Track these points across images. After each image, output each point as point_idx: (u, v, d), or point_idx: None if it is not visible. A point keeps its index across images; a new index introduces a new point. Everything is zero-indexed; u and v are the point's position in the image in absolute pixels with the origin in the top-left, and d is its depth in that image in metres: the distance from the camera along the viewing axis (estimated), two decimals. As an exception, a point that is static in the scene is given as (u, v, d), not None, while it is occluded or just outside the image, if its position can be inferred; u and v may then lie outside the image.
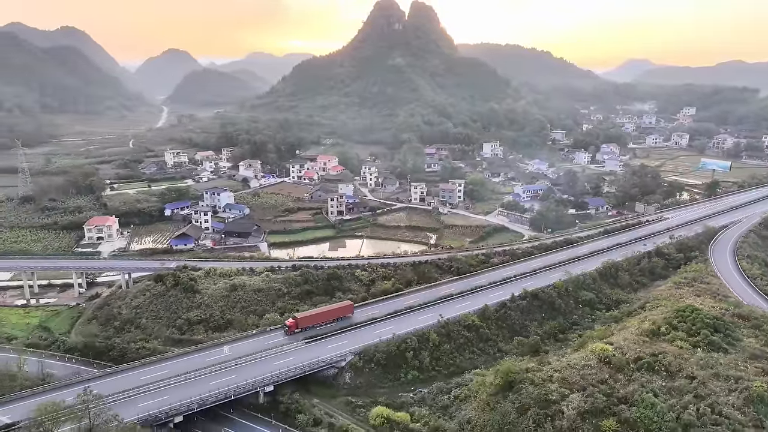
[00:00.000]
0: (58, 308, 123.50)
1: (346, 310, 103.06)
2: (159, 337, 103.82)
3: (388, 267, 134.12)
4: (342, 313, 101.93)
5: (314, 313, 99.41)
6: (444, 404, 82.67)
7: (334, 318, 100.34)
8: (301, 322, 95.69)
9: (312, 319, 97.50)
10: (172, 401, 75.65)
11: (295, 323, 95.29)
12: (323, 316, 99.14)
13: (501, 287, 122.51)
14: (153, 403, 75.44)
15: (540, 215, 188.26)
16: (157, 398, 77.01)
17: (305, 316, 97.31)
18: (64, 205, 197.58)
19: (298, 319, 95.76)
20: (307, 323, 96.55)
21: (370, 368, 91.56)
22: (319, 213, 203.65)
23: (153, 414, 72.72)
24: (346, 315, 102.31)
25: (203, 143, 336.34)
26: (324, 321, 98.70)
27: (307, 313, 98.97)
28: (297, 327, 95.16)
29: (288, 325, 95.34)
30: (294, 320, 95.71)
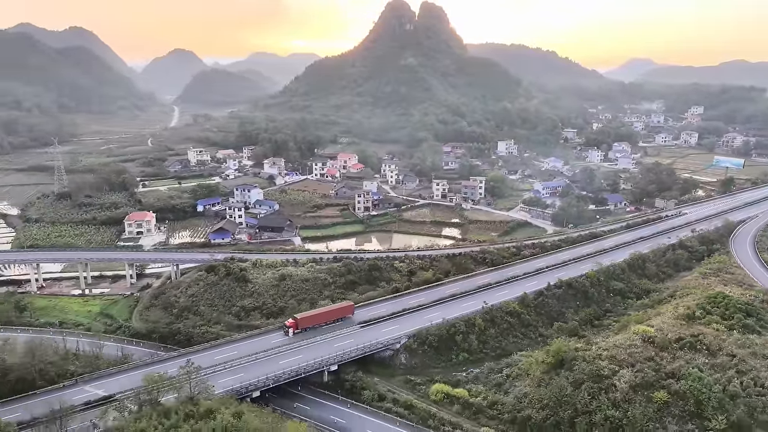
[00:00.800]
0: (114, 297, 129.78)
1: (346, 310, 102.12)
2: (219, 323, 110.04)
3: (424, 259, 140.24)
4: (342, 314, 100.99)
5: (314, 313, 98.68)
6: (497, 382, 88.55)
7: (335, 318, 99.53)
8: (301, 323, 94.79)
9: (312, 320, 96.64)
10: (249, 378, 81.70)
11: (295, 323, 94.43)
12: (323, 317, 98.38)
13: (535, 277, 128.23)
14: (231, 380, 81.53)
15: (562, 211, 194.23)
16: (234, 375, 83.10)
17: (305, 317, 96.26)
18: (100, 201, 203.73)
19: (298, 320, 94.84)
20: (307, 323, 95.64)
21: (423, 350, 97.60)
22: (346, 209, 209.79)
23: (235, 388, 78.76)
24: (346, 315, 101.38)
25: (222, 142, 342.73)
26: (324, 321, 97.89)
27: (307, 314, 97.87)
28: (297, 327, 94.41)
29: (288, 326, 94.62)
30: (294, 320, 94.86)
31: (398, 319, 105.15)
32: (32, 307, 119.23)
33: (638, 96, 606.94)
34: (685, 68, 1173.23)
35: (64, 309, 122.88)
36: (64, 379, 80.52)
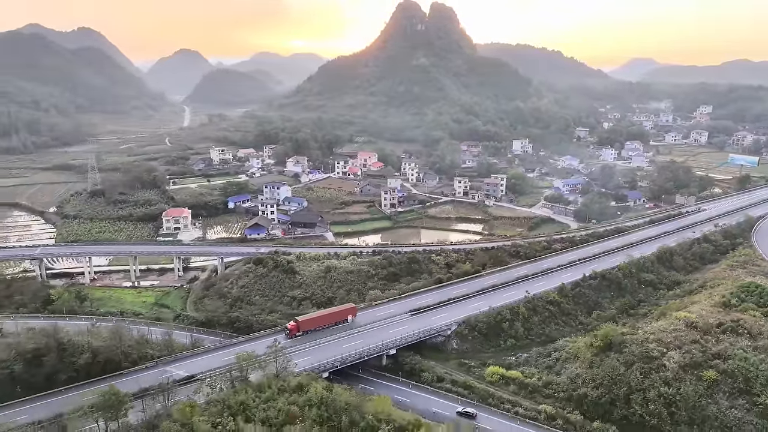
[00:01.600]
0: (165, 289, 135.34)
1: (348, 312, 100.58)
2: (274, 311, 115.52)
3: (459, 252, 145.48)
4: (344, 316, 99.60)
5: (316, 316, 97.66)
6: (548, 365, 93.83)
7: (336, 321, 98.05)
8: (302, 325, 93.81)
9: (313, 322, 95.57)
10: (319, 359, 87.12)
11: (297, 326, 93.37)
12: (325, 319, 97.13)
13: (568, 269, 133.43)
14: (303, 361, 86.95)
15: (584, 207, 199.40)
16: (304, 358, 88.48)
17: (307, 319, 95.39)
18: (134, 198, 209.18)
19: (300, 322, 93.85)
20: (308, 326, 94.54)
21: (473, 336, 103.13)
22: (372, 205, 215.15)
23: (308, 369, 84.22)
24: (348, 318, 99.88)
25: (241, 141, 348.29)
26: (326, 324, 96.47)
27: (309, 316, 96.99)
28: (298, 330, 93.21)
29: (289, 328, 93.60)
30: (295, 323, 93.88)
31: (445, 307, 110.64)
32: (91, 298, 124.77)
33: (646, 95, 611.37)
34: (689, 68, 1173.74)
35: (119, 299, 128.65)
36: (146, 361, 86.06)
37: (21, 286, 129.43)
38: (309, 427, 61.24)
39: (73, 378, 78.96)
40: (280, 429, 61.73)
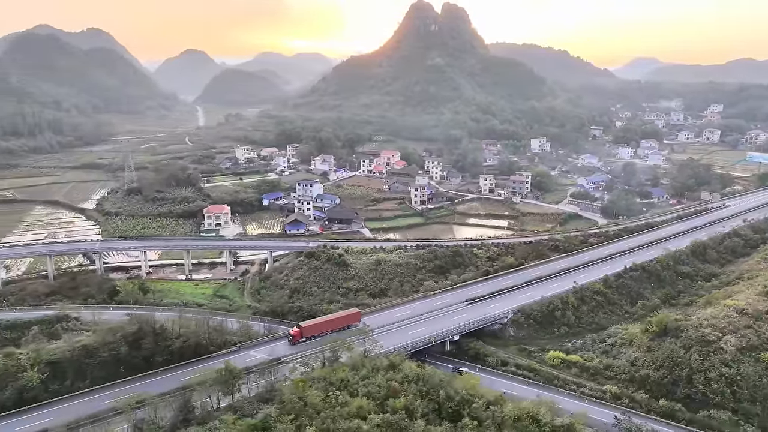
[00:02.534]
0: (219, 281, 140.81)
1: (353, 318, 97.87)
2: (332, 301, 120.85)
3: (499, 246, 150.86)
4: (349, 322, 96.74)
5: (319, 321, 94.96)
6: (604, 350, 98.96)
7: (341, 327, 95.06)
8: (305, 331, 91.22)
9: (317, 328, 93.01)
10: (393, 343, 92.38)
11: (300, 332, 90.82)
12: (329, 325, 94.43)
13: (607, 262, 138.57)
14: (375, 346, 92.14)
15: (611, 203, 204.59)
16: (375, 343, 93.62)
17: (310, 325, 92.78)
18: (172, 196, 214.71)
19: (303, 328, 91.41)
20: (312, 332, 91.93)
21: (528, 323, 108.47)
22: (402, 202, 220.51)
23: (381, 353, 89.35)
24: (353, 323, 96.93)
25: (261, 140, 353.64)
26: (330, 330, 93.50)
27: (312, 322, 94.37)
28: (302, 336, 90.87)
29: (292, 335, 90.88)
30: (299, 329, 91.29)
31: (498, 297, 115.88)
32: (153, 290, 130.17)
33: (655, 94, 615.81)
34: (694, 67, 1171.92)
35: (179, 291, 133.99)
36: (228, 346, 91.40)
37: (85, 278, 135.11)
38: (412, 399, 66.45)
39: (168, 360, 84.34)
40: (383, 402, 66.94)
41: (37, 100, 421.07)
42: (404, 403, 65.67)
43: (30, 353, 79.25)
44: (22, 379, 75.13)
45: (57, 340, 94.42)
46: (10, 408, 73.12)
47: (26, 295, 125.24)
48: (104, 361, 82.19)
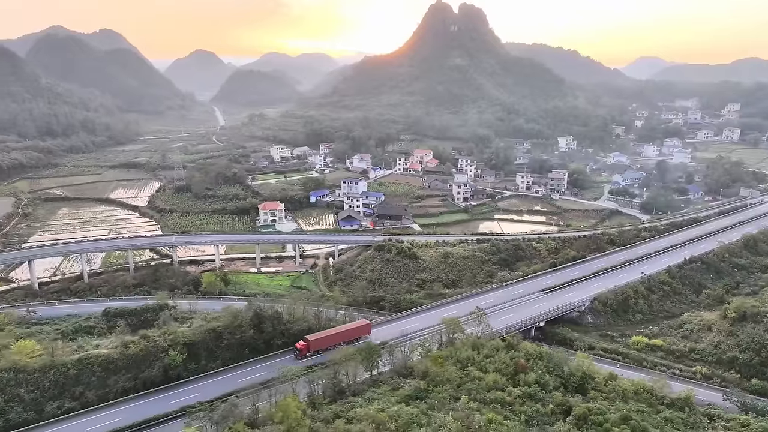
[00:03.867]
0: (291, 274, 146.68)
1: (362, 330, 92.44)
2: (410, 291, 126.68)
3: (556, 240, 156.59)
4: (358, 334, 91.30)
5: (327, 334, 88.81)
6: (683, 335, 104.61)
7: (350, 339, 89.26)
8: (313, 345, 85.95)
9: (325, 341, 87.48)
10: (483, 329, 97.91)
11: (307, 346, 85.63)
12: (337, 338, 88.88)
13: (663, 255, 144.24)
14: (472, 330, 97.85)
15: (651, 200, 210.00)
16: (469, 330, 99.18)
17: (317, 338, 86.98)
18: (222, 193, 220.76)
19: (310, 342, 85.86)
20: (319, 345, 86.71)
21: (605, 311, 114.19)
22: (444, 199, 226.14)
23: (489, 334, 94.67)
24: (362, 335, 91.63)
25: (291, 140, 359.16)
26: (338, 342, 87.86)
27: (320, 335, 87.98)
28: (308, 350, 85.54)
29: (299, 348, 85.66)
30: (305, 343, 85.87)
31: (571, 287, 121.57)
32: (233, 282, 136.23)
33: (669, 94, 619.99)
34: (701, 66, 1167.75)
35: (256, 283, 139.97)
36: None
37: (165, 271, 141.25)
38: (541, 375, 72.20)
39: (286, 343, 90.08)
40: (512, 377, 72.75)
41: (66, 100, 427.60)
42: (535, 378, 71.42)
43: (168, 335, 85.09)
44: (167, 358, 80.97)
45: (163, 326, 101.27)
46: (158, 384, 79.18)
47: (116, 287, 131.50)
48: (230, 344, 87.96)
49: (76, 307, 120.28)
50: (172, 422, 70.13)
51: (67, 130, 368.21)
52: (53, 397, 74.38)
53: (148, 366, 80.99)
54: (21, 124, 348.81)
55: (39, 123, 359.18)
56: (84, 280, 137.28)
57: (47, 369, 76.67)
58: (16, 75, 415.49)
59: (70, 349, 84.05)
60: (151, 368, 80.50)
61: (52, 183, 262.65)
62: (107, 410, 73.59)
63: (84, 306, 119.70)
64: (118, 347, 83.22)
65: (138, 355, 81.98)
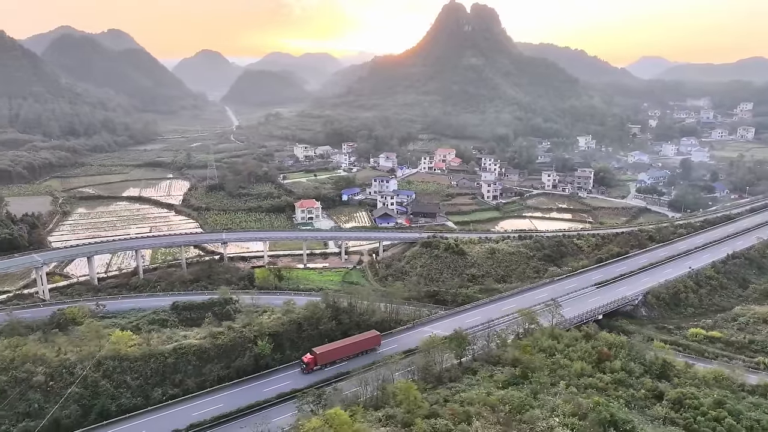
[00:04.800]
0: (338, 269, 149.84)
1: (372, 341, 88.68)
2: (463, 286, 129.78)
3: (596, 237, 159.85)
4: (367, 345, 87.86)
5: (335, 347, 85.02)
6: (738, 327, 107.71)
7: (359, 351, 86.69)
8: (320, 358, 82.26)
9: (333, 354, 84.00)
10: (547, 320, 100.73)
11: (314, 359, 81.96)
12: (346, 350, 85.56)
13: (704, 251, 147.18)
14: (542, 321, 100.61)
15: (680, 198, 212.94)
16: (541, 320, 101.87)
17: (325, 351, 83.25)
18: (256, 191, 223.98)
19: (318, 355, 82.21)
20: (327, 359, 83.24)
21: (658, 304, 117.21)
22: (474, 197, 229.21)
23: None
24: (372, 347, 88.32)
25: (311, 139, 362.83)
26: (347, 355, 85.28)
27: (327, 348, 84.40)
28: (316, 363, 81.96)
29: (306, 362, 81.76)
30: (312, 356, 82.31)
31: (620, 281, 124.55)
32: (287, 277, 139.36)
33: (679, 93, 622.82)
34: (706, 66, 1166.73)
35: (307, 278, 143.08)
36: (400, 324, 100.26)
37: (218, 267, 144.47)
38: (625, 363, 75.30)
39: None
40: (596, 364, 75.85)
41: (85, 100, 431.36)
42: (620, 365, 74.55)
43: (253, 327, 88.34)
44: (256, 348, 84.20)
45: (229, 319, 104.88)
46: (250, 372, 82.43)
47: (173, 282, 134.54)
48: (311, 335, 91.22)
49: (138, 301, 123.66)
50: (270, 408, 73.29)
51: (88, 129, 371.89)
52: (156, 383, 77.72)
53: (239, 355, 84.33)
54: (45, 123, 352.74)
55: (62, 123, 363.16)
56: (139, 276, 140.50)
57: (147, 357, 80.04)
58: (37, 75, 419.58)
59: (159, 339, 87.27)
60: (242, 357, 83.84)
61: (82, 182, 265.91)
62: (206, 397, 76.86)
63: (145, 300, 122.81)
64: (207, 338, 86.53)
65: (227, 345, 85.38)
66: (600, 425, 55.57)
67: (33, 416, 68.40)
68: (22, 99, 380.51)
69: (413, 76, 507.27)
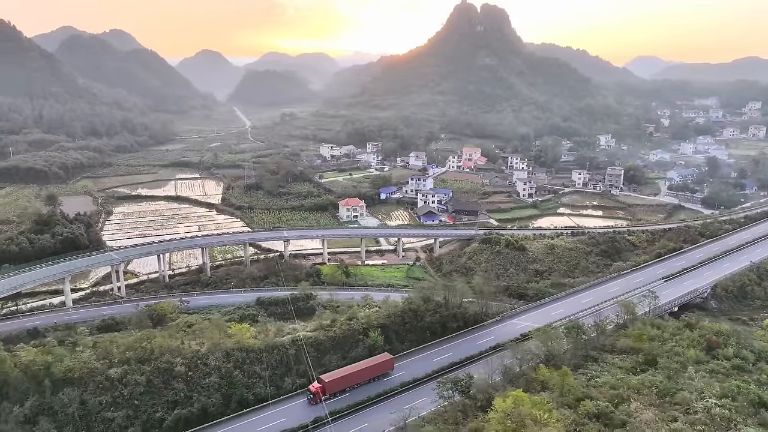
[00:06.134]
0: (399, 266, 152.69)
1: (384, 365, 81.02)
2: (530, 281, 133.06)
3: (646, 232, 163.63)
4: (380, 370, 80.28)
5: (346, 373, 77.24)
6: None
7: (370, 377, 79.01)
8: (329, 387, 74.29)
9: (344, 381, 76.26)
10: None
11: (322, 388, 73.82)
12: (357, 377, 77.85)
13: (756, 245, 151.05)
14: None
15: (713, 194, 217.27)
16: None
17: (334, 379, 75.29)
18: (296, 190, 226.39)
19: (326, 383, 74.10)
20: (337, 387, 75.35)
21: (726, 297, 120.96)
22: (510, 195, 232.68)
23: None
24: (385, 372, 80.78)
25: (332, 139, 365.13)
26: (357, 382, 77.65)
27: (337, 375, 76.51)
28: (324, 393, 73.74)
29: (312, 392, 73.45)
30: (320, 385, 74.21)
31: (684, 276, 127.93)
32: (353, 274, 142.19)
33: (687, 93, 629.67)
34: (702, 65, 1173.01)
35: (371, 274, 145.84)
36: (493, 317, 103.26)
37: (282, 264, 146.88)
38: (737, 350, 78.66)
39: (460, 327, 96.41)
40: (708, 351, 79.20)
41: (102, 101, 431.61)
42: (733, 352, 77.92)
43: (361, 319, 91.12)
44: (368, 339, 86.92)
45: (313, 314, 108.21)
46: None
47: (245, 279, 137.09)
48: (413, 327, 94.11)
49: (214, 298, 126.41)
50: (397, 397, 75.89)
51: (109, 130, 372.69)
52: (283, 374, 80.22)
53: (353, 346, 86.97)
54: (68, 124, 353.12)
55: (84, 123, 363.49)
56: (206, 273, 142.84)
57: (270, 349, 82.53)
58: (55, 76, 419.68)
59: (272, 332, 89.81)
60: (356, 348, 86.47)
61: (114, 182, 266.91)
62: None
63: (220, 297, 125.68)
64: (318, 330, 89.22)
65: (340, 337, 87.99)
66: (752, 406, 58.71)
67: (181, 404, 70.88)
68: (43, 99, 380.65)
69: (427, 76, 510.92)
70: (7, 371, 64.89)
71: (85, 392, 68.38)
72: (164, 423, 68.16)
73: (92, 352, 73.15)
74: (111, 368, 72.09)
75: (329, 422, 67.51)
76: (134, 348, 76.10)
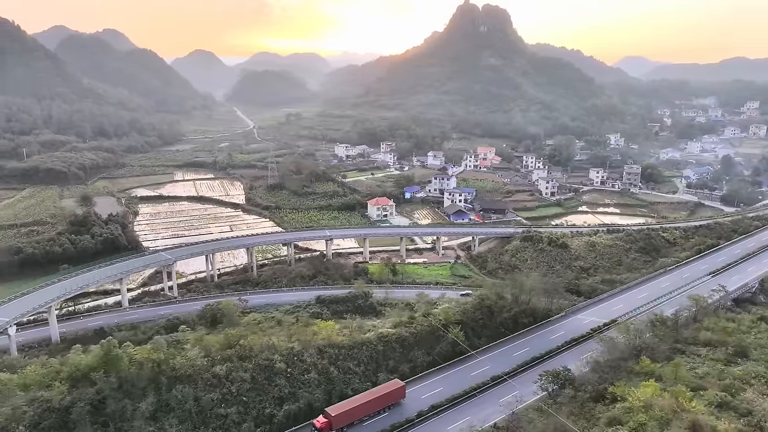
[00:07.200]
0: (443, 264, 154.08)
1: (395, 394, 73.72)
2: (578, 278, 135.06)
3: (678, 229, 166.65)
4: (391, 400, 73.09)
5: (354, 405, 69.77)
6: None
7: (381, 407, 72.03)
8: (336, 421, 67.19)
9: (350, 415, 69.10)
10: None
11: (329, 423, 66.88)
12: (366, 408, 70.69)
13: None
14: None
15: (733, 192, 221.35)
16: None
17: (342, 412, 68.00)
18: (321, 190, 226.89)
19: (333, 417, 66.99)
20: (344, 421, 68.24)
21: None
22: (533, 194, 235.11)
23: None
24: (396, 401, 73.66)
25: (342, 138, 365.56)
26: (367, 413, 70.76)
27: (344, 407, 68.95)
28: (331, 428, 66.93)
29: (318, 427, 66.51)
30: (327, 420, 67.06)
31: (728, 270, 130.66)
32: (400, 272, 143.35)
33: (684, 93, 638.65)
34: (691, 66, 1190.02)
35: (416, 273, 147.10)
36: (554, 314, 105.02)
37: (326, 263, 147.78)
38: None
39: (531, 322, 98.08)
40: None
41: (107, 101, 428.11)
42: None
43: (439, 315, 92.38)
44: (451, 335, 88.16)
45: (372, 311, 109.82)
46: (450, 358, 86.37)
47: (294, 278, 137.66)
48: (487, 324, 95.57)
49: (267, 297, 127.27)
50: (489, 391, 77.36)
51: (117, 130, 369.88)
52: (375, 369, 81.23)
53: (435, 342, 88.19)
54: (78, 124, 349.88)
55: (92, 124, 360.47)
56: (253, 273, 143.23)
57: (360, 345, 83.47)
58: (60, 76, 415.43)
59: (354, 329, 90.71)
60: (439, 344, 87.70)
61: (131, 182, 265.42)
62: (420, 382, 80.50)
63: (274, 296, 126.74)
64: (399, 327, 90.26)
65: (421, 333, 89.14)
66: None
67: (287, 400, 71.63)
68: (50, 100, 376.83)
69: (432, 76, 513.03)
70: (125, 369, 65.29)
71: (196, 389, 68.93)
72: (274, 418, 68.85)
73: (199, 349, 73.54)
74: (214, 366, 72.65)
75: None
76: (231, 345, 76.65)
